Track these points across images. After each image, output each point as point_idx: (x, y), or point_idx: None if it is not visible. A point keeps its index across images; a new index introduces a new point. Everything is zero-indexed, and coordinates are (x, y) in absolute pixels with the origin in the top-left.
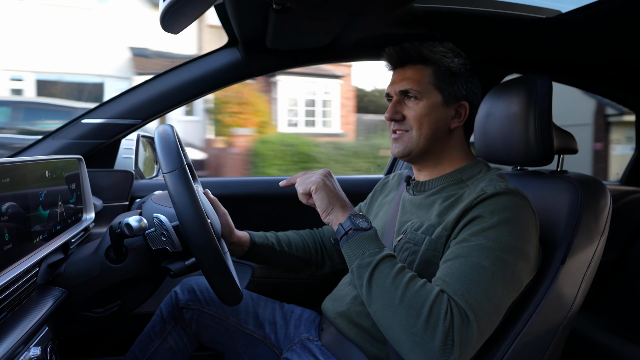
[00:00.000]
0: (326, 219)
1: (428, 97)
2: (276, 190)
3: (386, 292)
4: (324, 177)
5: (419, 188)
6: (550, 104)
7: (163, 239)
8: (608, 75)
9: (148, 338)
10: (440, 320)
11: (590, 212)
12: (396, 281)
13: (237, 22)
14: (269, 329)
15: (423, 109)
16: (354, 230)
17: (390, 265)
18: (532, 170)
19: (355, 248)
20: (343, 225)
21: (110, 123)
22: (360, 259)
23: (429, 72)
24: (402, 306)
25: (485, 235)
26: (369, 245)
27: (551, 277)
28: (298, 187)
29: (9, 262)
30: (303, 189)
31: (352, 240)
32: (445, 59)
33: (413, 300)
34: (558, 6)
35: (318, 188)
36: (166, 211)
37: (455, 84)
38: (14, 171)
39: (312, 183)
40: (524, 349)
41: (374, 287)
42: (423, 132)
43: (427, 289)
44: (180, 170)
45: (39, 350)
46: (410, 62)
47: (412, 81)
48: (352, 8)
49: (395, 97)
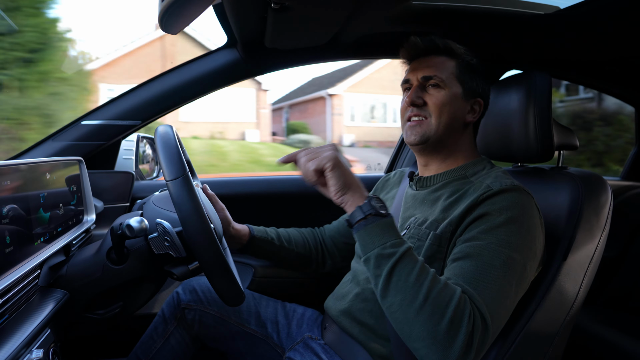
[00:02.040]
0: (340, 199)
1: (450, 87)
2: (276, 190)
3: (409, 288)
4: (337, 152)
5: (422, 183)
6: (550, 99)
7: (166, 244)
8: (607, 70)
9: (150, 339)
10: (464, 322)
11: (591, 207)
12: (420, 277)
13: (236, 22)
14: (271, 328)
15: (445, 97)
16: (373, 216)
17: (413, 259)
18: (533, 166)
19: (375, 235)
20: (362, 208)
21: (110, 124)
22: (382, 248)
23: (453, 64)
24: (426, 304)
25: (495, 234)
26: (389, 235)
27: (553, 273)
28: (308, 163)
29: (11, 264)
30: (316, 165)
31: (372, 227)
32: (467, 56)
33: (438, 299)
34: (557, 2)
35: (335, 165)
36: (168, 216)
37: (475, 80)
38: (14, 173)
39: (327, 159)
40: (527, 345)
41: (394, 280)
42: (442, 120)
43: (450, 289)
44: (184, 178)
45: (41, 352)
46: (435, 52)
47: (437, 69)
48: (351, 6)
49: (417, 82)
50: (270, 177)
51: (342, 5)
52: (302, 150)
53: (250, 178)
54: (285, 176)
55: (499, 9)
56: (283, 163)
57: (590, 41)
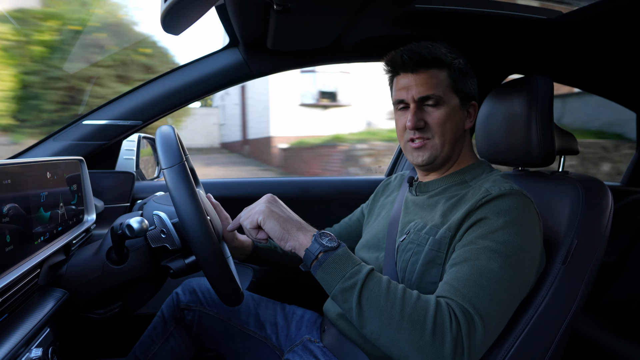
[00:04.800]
0: (287, 247)
1: (448, 102)
2: (278, 192)
3: (382, 311)
4: (268, 203)
5: (421, 188)
6: (552, 104)
7: (162, 236)
8: (609, 75)
9: (149, 339)
10: (447, 328)
11: (591, 212)
12: (390, 297)
13: (238, 23)
14: (270, 330)
15: (445, 115)
16: (324, 253)
17: (377, 280)
18: (534, 170)
19: (332, 272)
20: (311, 250)
21: (111, 124)
22: (342, 281)
23: (445, 76)
24: (403, 321)
25: (492, 238)
26: (345, 265)
27: (553, 277)
28: (245, 223)
29: (10, 263)
30: (250, 223)
31: (326, 264)
32: (454, 60)
33: (414, 313)
34: (559, 7)
35: (266, 217)
36: (167, 209)
37: (467, 85)
38: (15, 172)
39: (258, 213)
40: (525, 350)
41: (365, 308)
42: (447, 138)
43: (423, 300)
44: (180, 165)
45: (40, 351)
46: (424, 65)
47: (431, 86)
48: (353, 9)
49: (414, 104)
50: (271, 179)
51: (344, 8)
52: (241, 213)
53: (251, 180)
54: (286, 178)
55: (502, 13)
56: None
57: (592, 46)
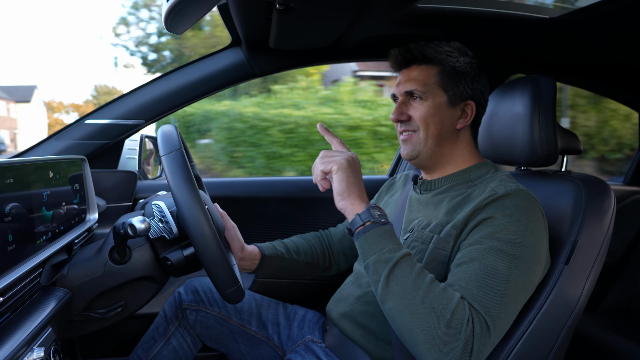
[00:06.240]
0: (340, 204)
1: (433, 98)
2: (280, 191)
3: (406, 291)
4: (349, 159)
5: (426, 187)
6: (555, 104)
7: (160, 225)
8: (612, 75)
9: (151, 339)
10: (463, 327)
11: (594, 212)
12: (417, 281)
13: (241, 23)
14: (272, 329)
15: (428, 109)
16: (372, 223)
17: (411, 264)
18: (536, 170)
19: (373, 242)
20: (361, 216)
21: (113, 124)
22: (379, 254)
23: (434, 72)
24: (423, 307)
25: (499, 238)
26: (387, 241)
27: (555, 277)
28: (319, 163)
29: (13, 262)
30: (323, 167)
31: (370, 234)
32: (450, 59)
33: (435, 302)
34: (562, 6)
35: (340, 168)
36: (166, 201)
37: (460, 84)
38: (17, 172)
39: (335, 162)
40: (528, 350)
41: (392, 284)
42: (430, 132)
43: (448, 293)
44: (177, 152)
45: (42, 351)
46: (416, 62)
47: (417, 82)
48: (356, 8)
49: (401, 97)
50: (273, 179)
51: (346, 7)
52: (323, 150)
53: (253, 179)
54: (288, 178)
55: (504, 13)
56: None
57: (595, 46)
